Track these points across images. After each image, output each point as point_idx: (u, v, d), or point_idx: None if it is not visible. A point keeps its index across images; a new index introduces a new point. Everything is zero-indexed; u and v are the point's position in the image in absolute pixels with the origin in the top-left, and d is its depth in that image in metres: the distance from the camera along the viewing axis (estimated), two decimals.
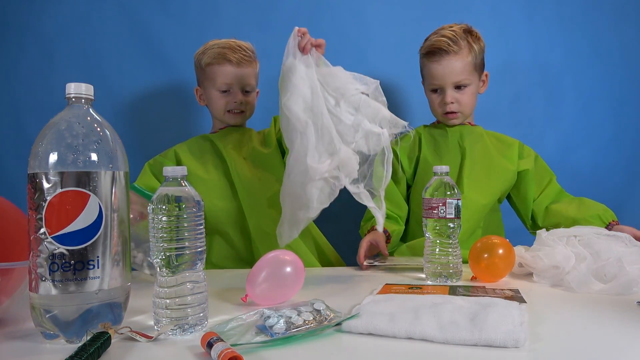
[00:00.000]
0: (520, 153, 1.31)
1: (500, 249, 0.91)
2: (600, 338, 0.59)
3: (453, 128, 1.31)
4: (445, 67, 1.23)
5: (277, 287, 0.77)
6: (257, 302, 0.76)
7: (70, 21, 1.49)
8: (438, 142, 1.32)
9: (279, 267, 0.78)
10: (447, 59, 1.22)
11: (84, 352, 0.50)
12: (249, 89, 1.29)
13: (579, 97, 1.61)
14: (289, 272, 0.78)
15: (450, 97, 1.24)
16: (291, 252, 0.82)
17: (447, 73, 1.23)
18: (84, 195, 0.59)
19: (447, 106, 1.26)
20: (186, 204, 0.62)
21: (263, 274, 0.76)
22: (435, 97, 1.28)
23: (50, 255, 0.57)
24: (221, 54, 1.24)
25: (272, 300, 0.76)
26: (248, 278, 0.77)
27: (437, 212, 0.94)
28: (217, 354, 0.50)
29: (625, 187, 1.58)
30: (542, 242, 0.96)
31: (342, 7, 1.56)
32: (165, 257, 0.61)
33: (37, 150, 0.59)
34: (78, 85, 0.62)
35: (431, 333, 0.57)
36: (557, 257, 0.88)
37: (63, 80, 0.65)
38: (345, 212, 1.45)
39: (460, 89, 1.26)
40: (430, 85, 1.28)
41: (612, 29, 1.61)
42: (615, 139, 1.60)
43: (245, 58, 1.25)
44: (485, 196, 1.25)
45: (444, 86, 1.25)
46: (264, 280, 0.76)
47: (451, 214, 0.94)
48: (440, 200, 0.94)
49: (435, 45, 1.23)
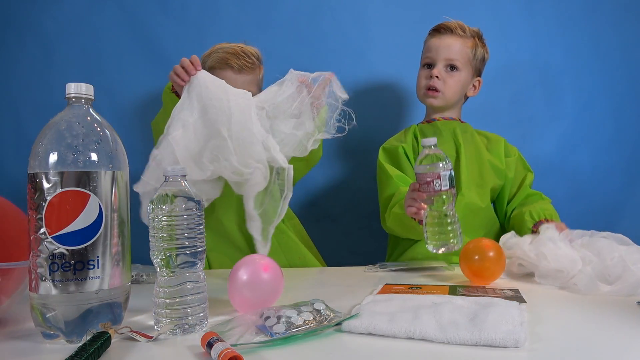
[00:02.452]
0: (506, 151, 1.31)
1: (491, 251, 0.89)
2: (600, 338, 0.59)
3: (446, 123, 1.29)
4: (443, 42, 1.24)
5: (258, 295, 0.71)
6: (241, 311, 0.72)
7: (70, 21, 1.49)
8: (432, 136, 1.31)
9: (256, 274, 0.72)
10: (449, 36, 1.24)
11: (84, 352, 0.50)
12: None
13: (579, 97, 1.60)
14: (267, 278, 0.72)
15: (437, 72, 1.23)
16: (267, 257, 0.77)
17: (443, 47, 1.24)
18: (84, 195, 0.59)
19: (432, 80, 1.24)
20: (186, 204, 0.62)
21: (239, 283, 0.71)
22: (423, 72, 1.28)
23: (50, 255, 0.57)
24: (224, 59, 1.24)
25: (256, 307, 0.70)
26: (228, 289, 0.72)
27: (432, 186, 0.93)
28: (217, 354, 0.50)
29: (625, 187, 1.58)
30: (546, 239, 0.95)
31: (342, 7, 1.56)
32: (165, 257, 0.61)
33: (37, 150, 0.59)
34: (78, 85, 0.62)
35: (431, 333, 0.57)
36: (563, 260, 0.88)
37: (63, 80, 0.65)
38: (345, 212, 1.46)
39: (452, 70, 1.25)
40: (424, 59, 1.27)
41: (612, 29, 1.61)
42: (615, 139, 1.60)
43: (247, 65, 1.25)
44: (482, 198, 1.24)
45: (436, 60, 1.24)
46: (242, 287, 0.71)
47: (446, 186, 0.93)
48: (434, 174, 0.93)
49: (445, 24, 1.25)
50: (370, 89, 1.58)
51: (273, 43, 1.31)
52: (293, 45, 1.53)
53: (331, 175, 1.50)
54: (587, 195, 1.53)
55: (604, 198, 1.53)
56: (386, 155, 1.30)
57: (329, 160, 1.54)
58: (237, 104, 0.94)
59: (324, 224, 1.30)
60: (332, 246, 1.35)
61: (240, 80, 1.24)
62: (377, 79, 1.57)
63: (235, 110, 0.94)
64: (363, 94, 1.57)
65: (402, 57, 1.50)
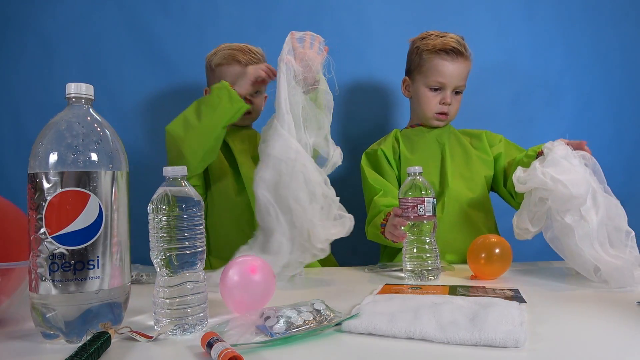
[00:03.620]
0: (490, 142, 1.32)
1: (497, 248, 0.93)
2: (600, 338, 0.59)
3: (430, 127, 1.31)
4: (456, 69, 1.24)
5: (251, 296, 0.71)
6: (236, 313, 0.71)
7: (70, 21, 1.49)
8: (416, 142, 1.31)
9: (245, 276, 0.72)
10: (460, 60, 1.24)
11: (84, 352, 0.50)
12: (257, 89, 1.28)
13: (579, 97, 1.61)
14: (258, 280, 0.72)
15: (449, 99, 1.25)
16: (259, 258, 0.77)
17: (456, 74, 1.24)
18: (84, 195, 0.59)
19: (444, 107, 1.26)
20: (186, 204, 0.62)
21: (229, 285, 0.71)
22: (433, 95, 1.27)
23: (50, 255, 0.57)
24: (231, 55, 1.25)
25: (252, 308, 0.70)
26: (220, 290, 0.72)
27: (415, 211, 0.95)
28: (217, 354, 0.50)
29: (625, 187, 1.58)
30: (559, 157, 0.93)
31: (342, 7, 1.56)
32: (165, 257, 0.61)
33: (37, 150, 0.59)
34: (78, 85, 0.62)
35: (431, 333, 0.57)
36: (579, 184, 0.87)
37: (63, 80, 0.65)
38: None
39: (457, 94, 1.27)
40: (433, 83, 1.26)
41: (612, 29, 1.61)
42: (615, 139, 1.60)
43: (254, 61, 1.25)
44: (471, 188, 1.25)
45: (447, 86, 1.25)
46: (233, 289, 0.71)
47: (429, 212, 0.95)
48: (417, 200, 0.95)
49: (450, 44, 1.23)
50: (370, 89, 1.58)
51: (273, 43, 1.30)
52: None
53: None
54: None
55: None
56: (367, 160, 1.33)
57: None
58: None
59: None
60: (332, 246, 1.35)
61: None
62: (377, 79, 1.57)
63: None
64: (363, 94, 1.57)
65: (402, 57, 1.50)
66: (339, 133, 1.58)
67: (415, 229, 0.97)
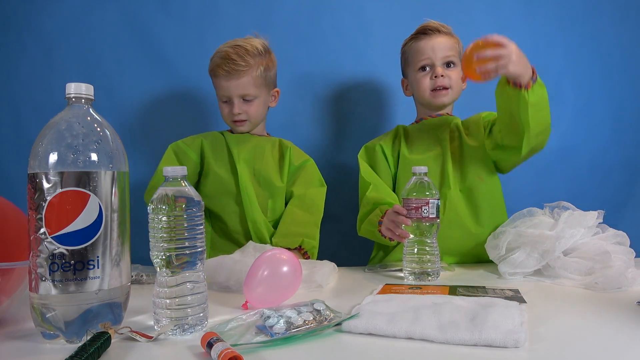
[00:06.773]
0: (484, 124, 1.25)
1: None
2: (600, 338, 0.59)
3: (432, 120, 1.28)
4: (435, 42, 1.23)
5: (275, 289, 0.76)
6: (255, 306, 0.74)
7: (70, 21, 1.49)
8: (417, 140, 1.29)
9: (275, 268, 0.76)
10: (438, 35, 1.24)
11: (84, 352, 0.50)
12: (248, 98, 1.24)
13: (579, 97, 1.60)
14: (286, 272, 0.77)
15: (441, 71, 1.22)
16: (288, 250, 0.81)
17: (437, 47, 1.22)
18: (84, 195, 0.59)
19: (438, 80, 1.22)
20: (186, 204, 0.62)
21: (258, 277, 0.75)
22: (423, 75, 1.24)
23: (50, 255, 0.57)
24: (218, 65, 1.21)
25: (271, 303, 0.74)
26: (245, 282, 0.76)
27: (419, 212, 0.95)
28: (217, 354, 0.50)
29: (625, 187, 1.58)
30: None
31: (342, 7, 1.56)
32: (165, 257, 0.61)
33: (37, 150, 0.59)
34: (78, 85, 0.62)
35: (431, 333, 0.57)
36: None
37: (63, 80, 0.65)
38: (345, 212, 1.45)
39: (449, 66, 1.23)
40: (419, 63, 1.24)
41: (612, 29, 1.60)
42: (615, 139, 1.60)
43: (236, 69, 1.19)
44: (472, 187, 1.21)
45: (434, 61, 1.23)
46: (259, 284, 0.75)
47: (433, 214, 0.95)
48: (422, 201, 0.95)
49: (429, 25, 1.24)
50: (370, 89, 1.58)
51: (273, 43, 1.31)
52: (293, 45, 1.53)
53: (331, 175, 1.50)
54: (587, 195, 1.53)
55: (604, 198, 1.53)
56: (365, 153, 1.32)
57: (328, 160, 1.54)
58: None
59: (324, 224, 1.30)
60: (332, 246, 1.35)
61: (232, 86, 1.22)
62: (377, 79, 1.57)
63: None
64: (363, 94, 1.57)
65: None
66: (338, 133, 1.58)
67: (417, 230, 0.96)
